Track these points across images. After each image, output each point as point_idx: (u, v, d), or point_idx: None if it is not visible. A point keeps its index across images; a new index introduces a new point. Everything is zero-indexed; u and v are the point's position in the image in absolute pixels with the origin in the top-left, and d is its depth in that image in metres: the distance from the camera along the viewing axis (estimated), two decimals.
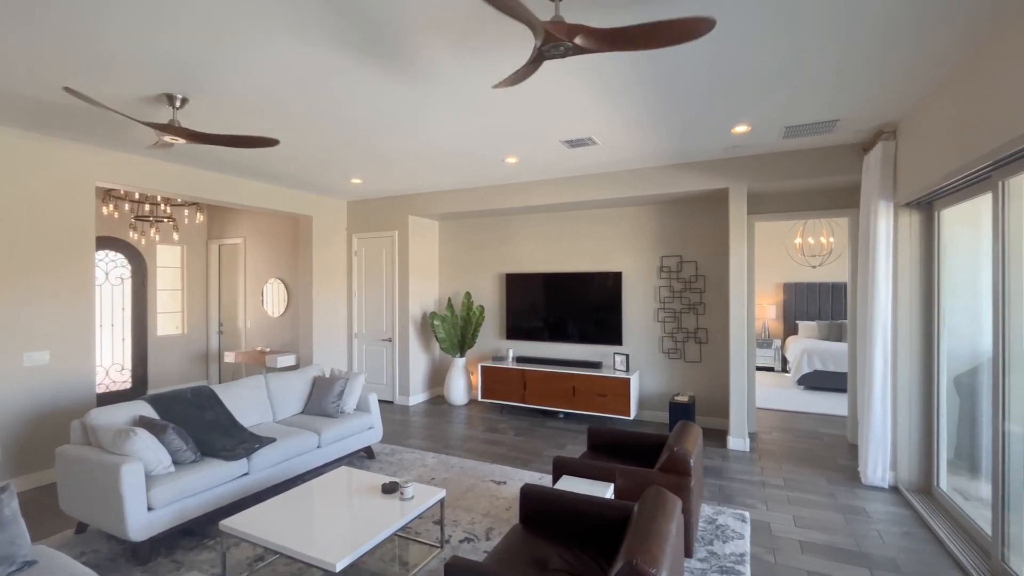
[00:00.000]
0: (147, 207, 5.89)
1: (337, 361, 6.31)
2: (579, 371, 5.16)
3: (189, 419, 3.25)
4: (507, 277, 5.96)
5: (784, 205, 4.70)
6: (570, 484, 2.62)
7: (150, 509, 2.62)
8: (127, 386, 6.33)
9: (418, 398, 6.17)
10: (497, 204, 5.46)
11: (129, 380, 6.34)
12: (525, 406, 5.44)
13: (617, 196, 4.87)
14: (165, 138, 2.84)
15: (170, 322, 6.83)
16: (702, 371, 5.09)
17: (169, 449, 2.85)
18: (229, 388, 3.69)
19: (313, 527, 2.30)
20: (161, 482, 2.68)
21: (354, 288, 6.40)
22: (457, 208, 5.69)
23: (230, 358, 6.32)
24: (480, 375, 5.64)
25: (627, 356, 5.10)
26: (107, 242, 6.13)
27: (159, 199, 5.79)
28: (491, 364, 5.61)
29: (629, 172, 4.80)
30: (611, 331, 5.39)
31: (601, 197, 4.95)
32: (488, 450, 4.38)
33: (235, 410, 3.61)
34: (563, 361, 5.48)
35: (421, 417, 5.49)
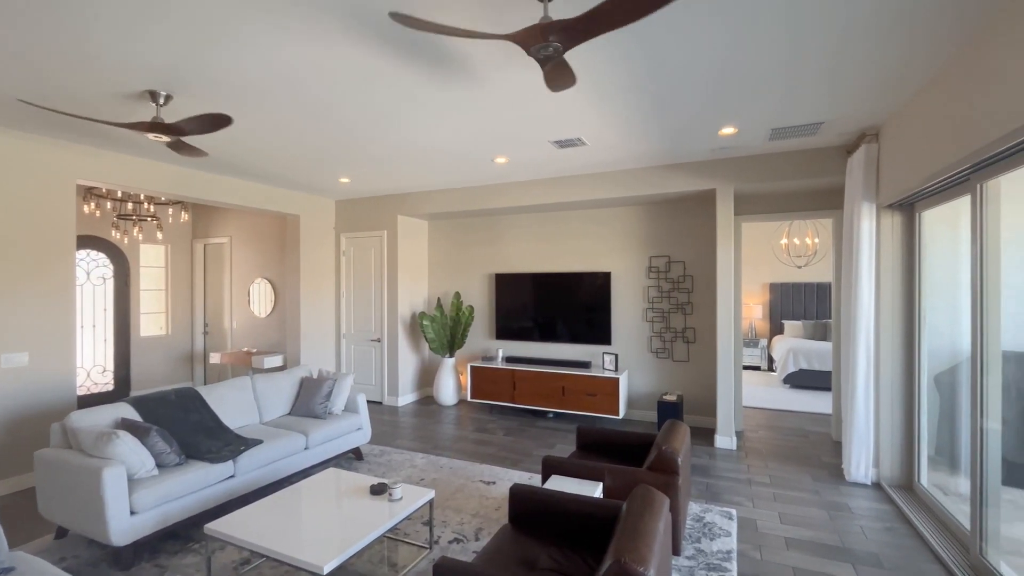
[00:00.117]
0: (130, 206, 5.79)
1: (325, 362, 6.25)
2: (568, 371, 5.18)
3: (173, 421, 3.20)
4: (497, 277, 5.96)
5: (770, 206, 4.77)
6: (559, 484, 2.63)
7: (133, 513, 2.58)
8: (109, 388, 6.21)
9: (407, 399, 6.14)
10: (487, 204, 5.45)
11: (111, 382, 6.23)
12: (515, 406, 5.45)
13: (606, 196, 4.90)
14: (150, 136, 2.79)
15: (154, 323, 6.72)
16: (690, 370, 5.13)
17: (152, 452, 2.80)
18: (214, 389, 3.64)
19: (300, 529, 2.28)
20: (144, 485, 2.64)
21: (342, 288, 6.35)
22: (446, 208, 5.68)
23: (216, 359, 6.24)
24: (470, 375, 5.63)
25: (616, 356, 5.13)
26: (88, 241, 6.01)
27: (142, 197, 5.69)
28: (481, 364, 5.60)
29: (618, 173, 4.82)
30: (600, 331, 5.42)
31: (590, 197, 4.97)
32: (477, 450, 4.38)
33: (221, 412, 3.57)
34: (552, 361, 5.50)
35: (410, 418, 5.47)
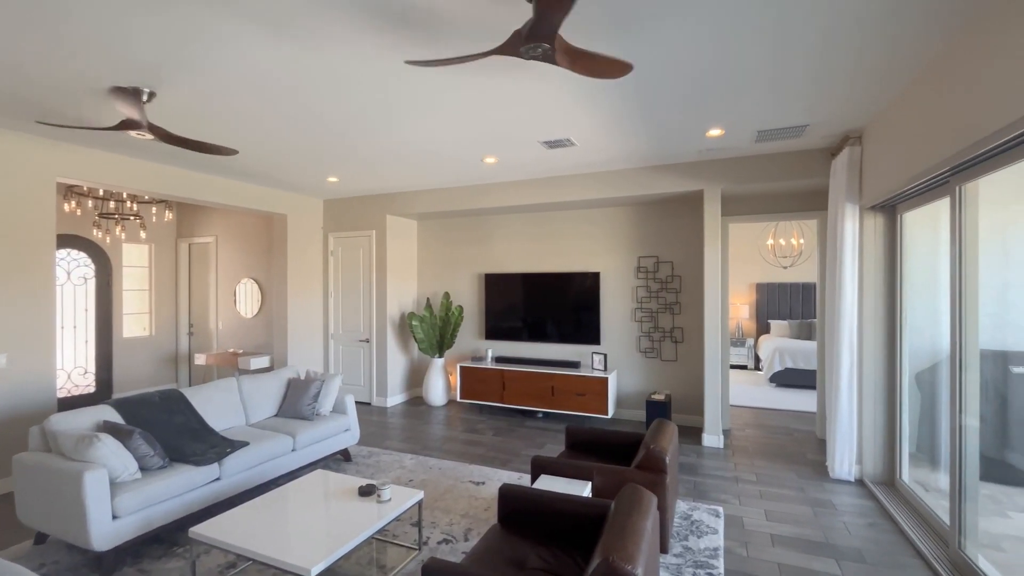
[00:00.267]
0: (112, 204, 5.67)
1: (313, 363, 6.20)
2: (558, 371, 5.19)
3: (157, 423, 3.15)
4: (486, 277, 5.95)
5: (757, 207, 4.83)
6: (548, 483, 2.64)
7: (115, 517, 2.53)
8: (91, 390, 6.08)
9: (396, 399, 6.11)
10: (476, 204, 5.45)
11: (93, 384, 6.10)
12: (504, 406, 5.45)
13: (595, 197, 4.92)
14: (132, 134, 2.75)
15: (137, 323, 6.60)
16: (678, 370, 5.18)
17: (135, 455, 2.75)
18: (199, 391, 3.59)
19: (287, 532, 2.25)
20: (127, 489, 2.59)
21: (330, 288, 6.30)
22: (436, 208, 5.66)
23: (201, 360, 6.15)
24: (459, 375, 5.62)
25: (605, 356, 5.15)
26: (69, 240, 5.88)
27: (125, 196, 5.59)
28: (470, 364, 5.59)
29: (607, 173, 4.85)
30: (589, 331, 5.44)
31: (580, 198, 4.99)
32: (467, 451, 4.37)
33: (206, 414, 3.52)
34: (542, 361, 5.51)
35: (399, 418, 5.44)
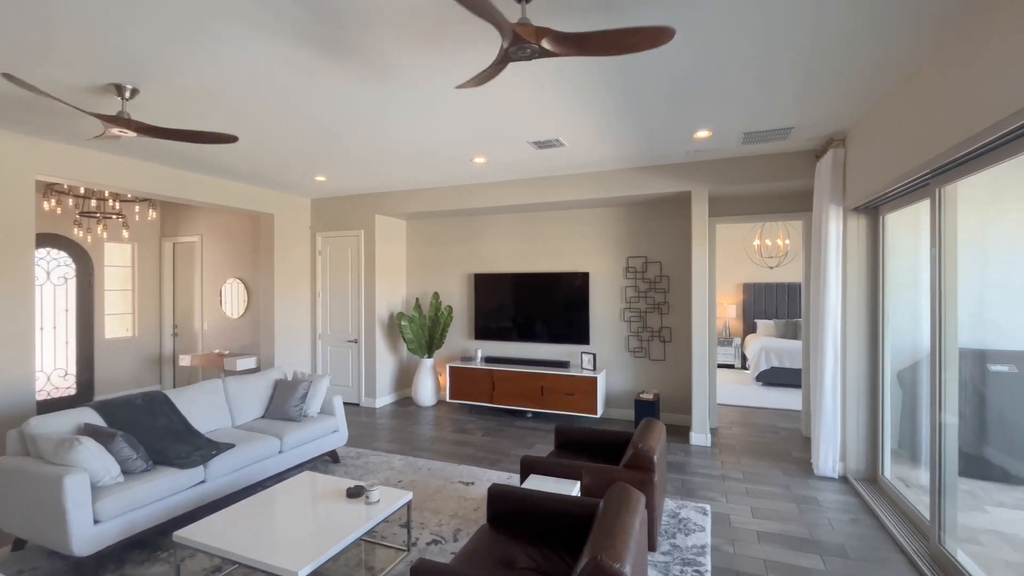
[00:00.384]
0: (93, 203, 5.57)
1: (300, 363, 6.14)
2: (547, 371, 5.20)
3: (140, 426, 3.10)
4: (476, 277, 5.94)
5: (743, 208, 4.88)
6: (538, 483, 2.64)
7: (96, 522, 2.49)
8: (71, 392, 5.96)
9: (385, 400, 6.07)
10: (466, 204, 5.44)
11: (73, 386, 5.98)
12: (493, 406, 5.44)
13: (584, 197, 4.94)
14: (113, 130, 2.69)
15: (119, 324, 6.48)
16: (666, 369, 5.22)
17: (118, 458, 2.70)
18: (184, 393, 3.54)
19: (274, 534, 2.23)
20: (109, 493, 2.54)
21: (318, 288, 6.24)
22: (425, 207, 5.64)
23: (185, 361, 6.06)
24: (448, 376, 5.60)
25: (594, 355, 5.17)
26: (49, 239, 5.76)
27: (107, 194, 5.48)
28: (459, 364, 5.58)
29: (596, 174, 4.87)
30: (579, 331, 5.46)
31: (569, 198, 5.00)
32: (456, 451, 4.36)
33: (190, 415, 3.47)
34: (531, 361, 5.51)
35: (388, 419, 5.41)
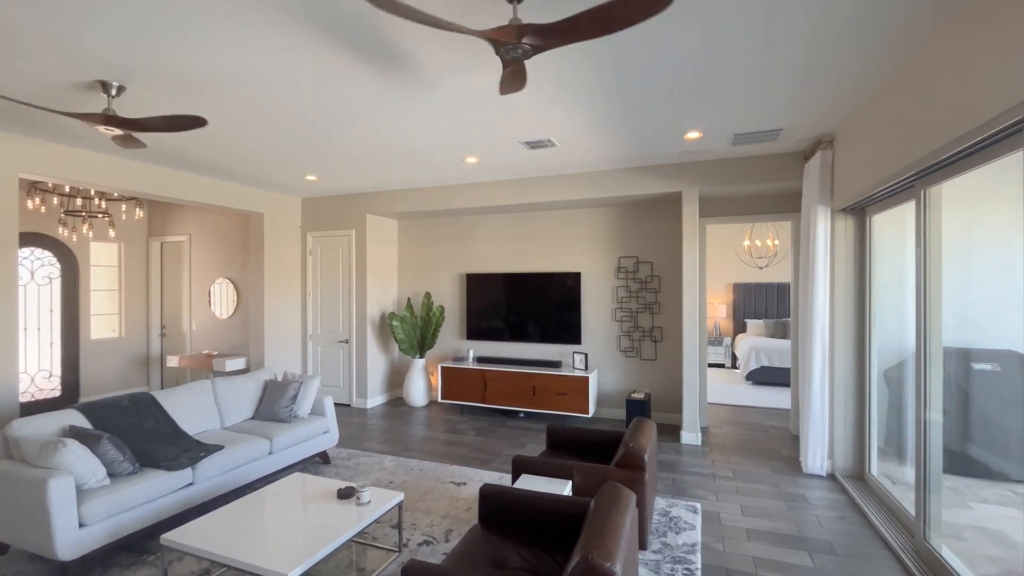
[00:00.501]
0: (79, 201, 5.48)
1: (290, 364, 6.09)
2: (539, 370, 5.21)
3: (126, 428, 3.06)
4: (468, 277, 5.93)
5: (733, 208, 4.92)
6: (529, 483, 2.65)
7: (82, 525, 2.45)
8: (56, 394, 5.86)
9: (376, 400, 6.04)
10: (457, 204, 5.43)
11: (58, 388, 5.88)
12: (485, 406, 5.44)
13: (576, 197, 4.95)
14: (100, 129, 2.65)
15: (106, 325, 6.38)
16: (657, 368, 5.25)
17: (104, 460, 2.66)
18: (172, 394, 3.49)
19: (263, 536, 2.21)
20: (95, 496, 2.51)
21: (309, 288, 6.20)
22: (417, 207, 5.62)
23: (173, 362, 5.99)
24: (440, 376, 5.59)
25: (586, 355, 5.19)
26: (33, 238, 5.66)
27: (92, 193, 5.40)
28: (451, 365, 5.57)
29: (588, 174, 4.88)
30: (570, 330, 5.47)
31: (561, 198, 5.01)
32: (448, 451, 4.35)
33: (178, 417, 3.42)
34: (523, 361, 5.52)
35: (379, 420, 5.38)
